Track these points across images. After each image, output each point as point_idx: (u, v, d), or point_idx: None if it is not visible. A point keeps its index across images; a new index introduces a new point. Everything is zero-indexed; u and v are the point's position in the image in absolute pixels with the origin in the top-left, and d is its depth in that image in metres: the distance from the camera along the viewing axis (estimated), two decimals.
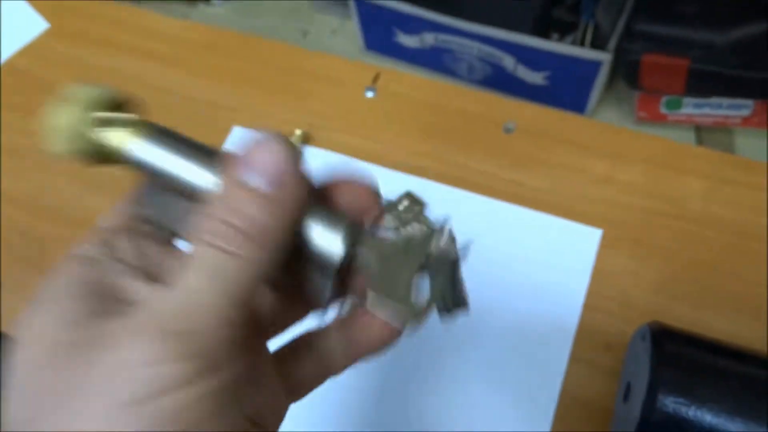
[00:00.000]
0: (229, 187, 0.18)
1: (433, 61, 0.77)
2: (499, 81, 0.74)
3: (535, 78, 0.72)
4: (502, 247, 0.49)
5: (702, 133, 0.75)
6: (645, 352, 0.32)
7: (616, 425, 0.37)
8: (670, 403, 0.29)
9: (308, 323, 0.24)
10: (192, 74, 0.61)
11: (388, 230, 0.49)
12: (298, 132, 0.53)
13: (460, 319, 0.46)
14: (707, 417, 0.28)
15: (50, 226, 0.55)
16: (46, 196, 0.57)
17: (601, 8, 0.70)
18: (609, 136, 0.53)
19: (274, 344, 0.24)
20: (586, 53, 0.64)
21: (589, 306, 0.46)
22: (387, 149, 0.54)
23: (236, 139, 0.56)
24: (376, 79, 0.58)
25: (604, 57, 0.64)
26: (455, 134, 0.55)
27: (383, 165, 0.53)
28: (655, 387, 0.30)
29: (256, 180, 0.18)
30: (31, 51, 0.66)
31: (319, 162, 0.54)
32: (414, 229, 0.43)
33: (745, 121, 0.70)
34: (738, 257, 0.47)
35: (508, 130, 0.54)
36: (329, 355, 0.22)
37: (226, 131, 0.57)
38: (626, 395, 0.35)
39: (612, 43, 0.65)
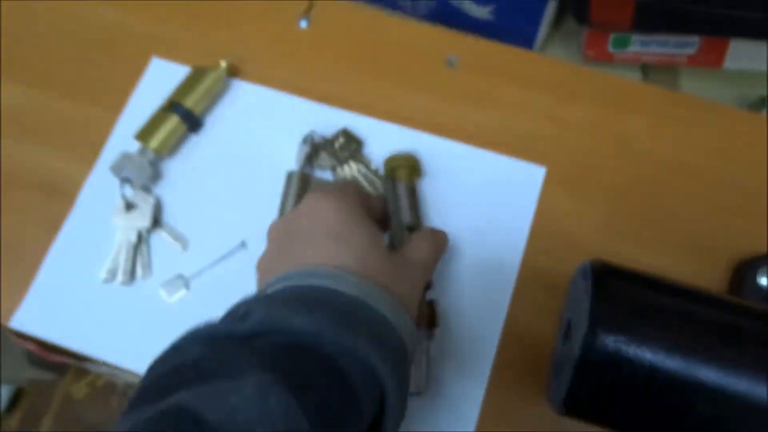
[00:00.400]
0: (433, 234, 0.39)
1: None
2: (444, 15, 0.70)
3: (481, 12, 0.68)
4: (444, 185, 0.47)
5: (648, 72, 0.74)
6: (585, 290, 0.31)
7: (555, 364, 0.36)
8: (611, 341, 0.28)
9: None
10: None
11: (324, 169, 0.47)
12: (223, 64, 0.49)
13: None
14: (647, 355, 0.27)
15: None
16: None
17: None
18: (555, 71, 0.51)
19: None
20: None
21: (531, 245, 0.45)
22: (322, 83, 0.50)
23: (155, 71, 0.51)
24: (309, 7, 0.53)
25: None
26: (395, 68, 0.51)
27: (318, 100, 0.50)
28: (595, 325, 0.29)
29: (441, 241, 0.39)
30: None
31: (248, 97, 0.50)
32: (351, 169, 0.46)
33: (691, 59, 0.69)
34: (681, 196, 0.46)
35: (450, 64, 0.51)
36: None
37: (144, 62, 0.51)
38: (566, 334, 0.34)
39: None
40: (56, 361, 0.99)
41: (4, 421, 1.29)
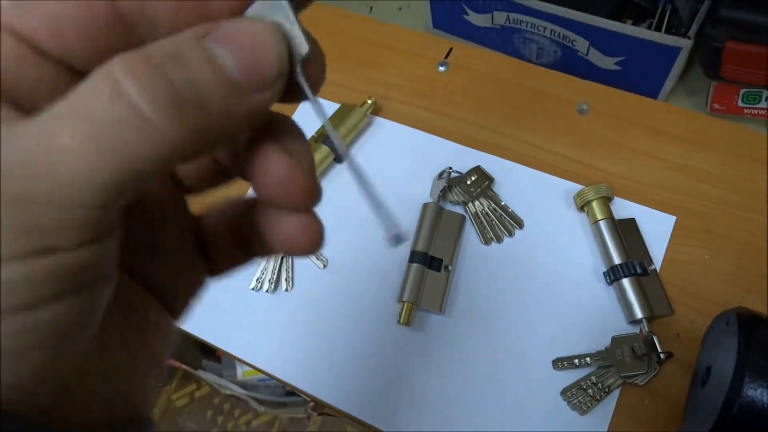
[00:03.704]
0: (190, 41, 0.13)
1: (502, 41, 0.76)
2: (569, 64, 0.72)
3: (607, 63, 0.70)
4: (570, 229, 0.48)
5: None
6: (729, 338, 0.31)
7: (691, 410, 0.36)
8: (757, 389, 0.28)
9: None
10: None
11: (455, 203, 0.49)
12: (369, 101, 0.53)
13: (517, 308, 0.45)
14: None
15: None
16: None
17: None
18: (686, 121, 0.52)
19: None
20: (666, 39, 0.62)
21: None
22: (457, 124, 0.54)
23: (307, 107, 0.57)
24: (449, 53, 0.58)
25: (685, 43, 0.62)
26: (527, 112, 0.54)
27: (453, 140, 0.53)
28: (742, 372, 0.29)
29: (224, 56, 0.13)
30: None
31: (388, 133, 0.54)
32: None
33: None
34: None
35: (581, 111, 0.53)
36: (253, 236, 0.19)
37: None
38: (704, 380, 0.34)
39: (693, 30, 0.63)
40: (172, 366, 1.07)
41: None
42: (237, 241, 0.20)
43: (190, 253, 0.19)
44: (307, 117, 0.55)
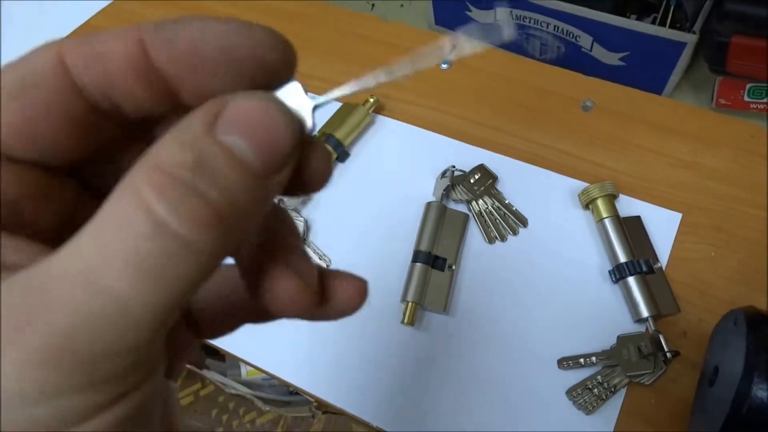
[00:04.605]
0: (203, 138, 0.12)
1: None
2: (572, 60, 0.72)
3: (611, 58, 0.69)
4: (575, 227, 0.48)
5: None
6: (738, 337, 0.31)
7: (699, 410, 0.36)
8: (767, 390, 0.28)
9: None
10: None
11: (459, 202, 0.49)
12: (371, 100, 0.53)
13: (521, 307, 0.45)
14: None
15: None
16: None
17: None
18: (692, 118, 0.51)
19: None
20: (671, 34, 0.62)
21: None
22: (460, 122, 0.53)
23: None
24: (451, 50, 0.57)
25: (690, 38, 0.61)
26: (531, 109, 0.53)
27: (455, 138, 0.53)
28: (751, 372, 0.29)
29: (241, 145, 0.12)
30: (109, 11, 0.67)
31: (391, 131, 0.54)
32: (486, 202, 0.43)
33: None
34: None
35: (586, 108, 0.53)
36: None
37: None
38: (712, 380, 0.34)
39: (698, 24, 0.62)
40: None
41: None
42: (226, 308, 0.19)
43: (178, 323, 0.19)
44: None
